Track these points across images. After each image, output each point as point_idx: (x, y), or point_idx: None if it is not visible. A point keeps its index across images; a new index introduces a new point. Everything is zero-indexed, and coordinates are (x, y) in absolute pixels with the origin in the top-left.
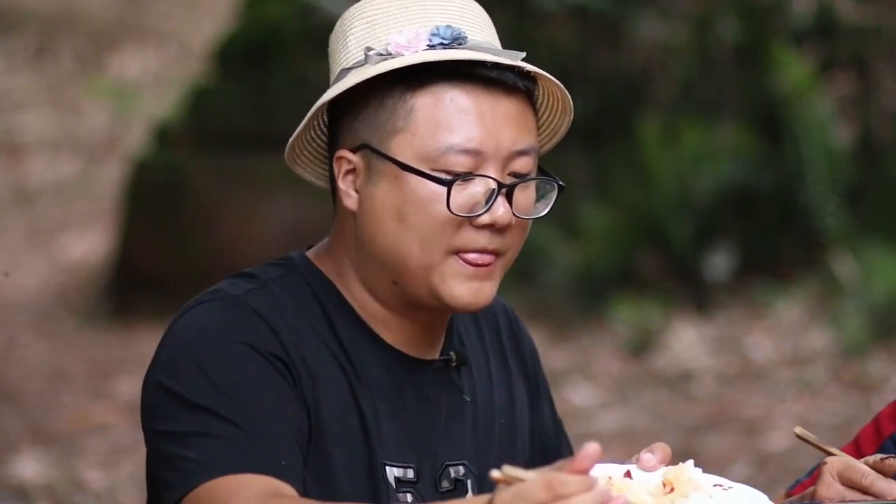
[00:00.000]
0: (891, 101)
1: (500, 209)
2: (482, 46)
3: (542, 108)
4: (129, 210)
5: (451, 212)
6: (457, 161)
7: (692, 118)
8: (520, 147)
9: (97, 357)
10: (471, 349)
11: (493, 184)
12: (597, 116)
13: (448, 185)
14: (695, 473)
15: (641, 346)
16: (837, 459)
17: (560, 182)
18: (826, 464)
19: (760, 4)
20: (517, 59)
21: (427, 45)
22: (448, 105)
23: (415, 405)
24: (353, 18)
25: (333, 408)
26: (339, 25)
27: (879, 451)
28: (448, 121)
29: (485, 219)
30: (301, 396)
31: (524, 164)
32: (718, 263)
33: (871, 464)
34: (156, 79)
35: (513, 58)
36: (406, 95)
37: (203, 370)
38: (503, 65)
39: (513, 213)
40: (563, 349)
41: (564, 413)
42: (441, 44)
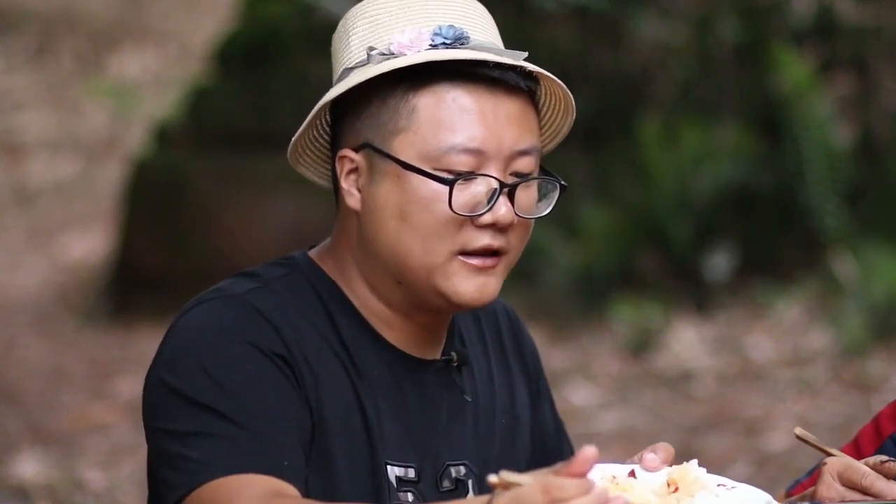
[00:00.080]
0: (891, 101)
1: (502, 209)
2: (485, 46)
3: (545, 108)
4: (129, 210)
5: (453, 211)
6: (459, 160)
7: (692, 118)
8: (522, 147)
9: (97, 357)
10: (472, 349)
11: (495, 183)
12: (597, 116)
13: (450, 185)
14: (700, 473)
15: (641, 346)
16: (837, 460)
17: (562, 182)
18: (826, 464)
19: (760, 4)
20: (519, 59)
21: (429, 45)
22: (450, 105)
23: (416, 405)
24: (356, 18)
25: (336, 407)
26: (342, 25)
27: (879, 451)
28: (450, 120)
29: (487, 218)
30: (303, 395)
31: (526, 164)
32: (718, 263)
33: (872, 466)
34: (156, 79)
35: (515, 58)
36: (408, 95)
37: (205, 369)
38: (505, 64)
39: (515, 213)
40: (563, 349)
41: (564, 413)
42: (443, 43)
